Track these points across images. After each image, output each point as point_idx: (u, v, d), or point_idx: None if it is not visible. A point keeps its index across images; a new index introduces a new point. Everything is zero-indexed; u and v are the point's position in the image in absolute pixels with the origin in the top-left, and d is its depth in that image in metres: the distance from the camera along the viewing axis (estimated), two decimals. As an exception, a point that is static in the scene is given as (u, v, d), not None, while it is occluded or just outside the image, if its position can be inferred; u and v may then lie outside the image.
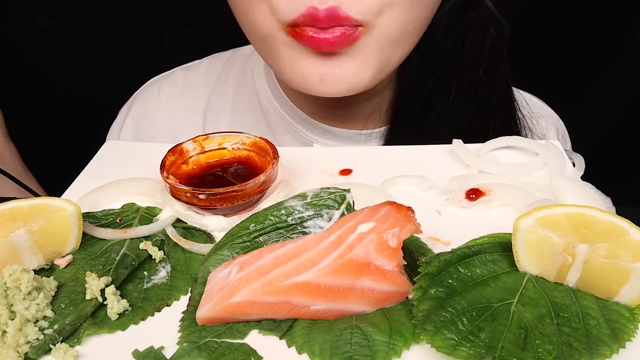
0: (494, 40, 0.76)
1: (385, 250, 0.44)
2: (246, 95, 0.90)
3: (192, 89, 0.93)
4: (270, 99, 0.87)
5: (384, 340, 0.41)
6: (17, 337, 0.42)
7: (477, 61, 0.76)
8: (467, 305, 0.43)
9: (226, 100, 0.91)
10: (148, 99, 0.94)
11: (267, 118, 0.87)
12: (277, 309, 0.44)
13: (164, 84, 0.95)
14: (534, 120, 0.86)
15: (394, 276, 0.45)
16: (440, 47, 0.76)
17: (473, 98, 0.78)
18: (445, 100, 0.77)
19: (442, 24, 0.74)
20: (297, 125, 0.85)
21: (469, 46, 0.76)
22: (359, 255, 0.44)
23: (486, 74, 0.77)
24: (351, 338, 0.42)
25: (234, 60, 0.94)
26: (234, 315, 0.44)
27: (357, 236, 0.45)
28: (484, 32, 0.75)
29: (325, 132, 0.84)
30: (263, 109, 0.87)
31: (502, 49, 0.78)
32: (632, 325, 0.42)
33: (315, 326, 0.43)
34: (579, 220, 0.46)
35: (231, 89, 0.91)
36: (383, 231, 0.44)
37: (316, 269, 0.44)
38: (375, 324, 0.43)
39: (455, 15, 0.74)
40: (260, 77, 0.88)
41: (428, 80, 0.77)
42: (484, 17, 0.75)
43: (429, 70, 0.77)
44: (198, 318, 0.44)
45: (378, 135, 0.83)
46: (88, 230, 0.54)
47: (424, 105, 0.78)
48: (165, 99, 0.93)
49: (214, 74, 0.93)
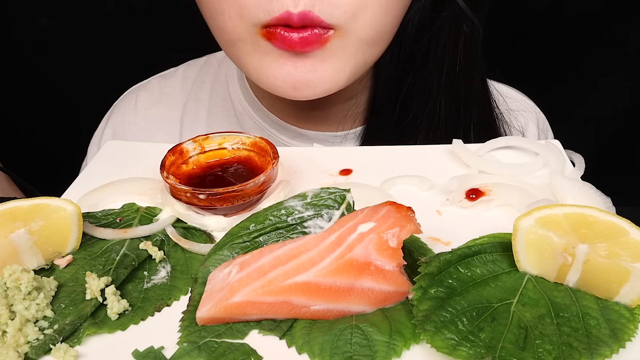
0: (467, 38, 0.76)
1: (385, 251, 0.44)
2: (220, 102, 0.90)
3: (168, 97, 0.93)
4: (244, 103, 0.87)
5: (384, 340, 0.41)
6: (17, 337, 0.42)
7: (452, 60, 0.76)
8: (467, 305, 0.43)
9: (202, 106, 0.91)
10: (125, 109, 0.95)
11: (242, 123, 0.87)
12: (277, 309, 0.44)
13: (140, 93, 0.95)
14: (512, 115, 0.86)
15: (394, 276, 0.45)
16: (414, 47, 0.76)
17: (450, 96, 0.78)
18: (422, 99, 0.78)
19: (414, 24, 0.74)
20: (272, 130, 0.85)
21: (443, 45, 0.76)
22: (359, 255, 0.44)
23: (462, 72, 0.77)
24: (351, 338, 0.42)
25: (207, 66, 0.94)
26: (234, 315, 0.44)
27: (357, 236, 0.45)
28: (456, 30, 0.75)
29: (299, 135, 0.84)
30: (237, 114, 0.88)
31: (476, 46, 0.78)
32: (632, 325, 0.42)
33: (315, 326, 0.43)
34: (579, 220, 0.46)
35: (206, 95, 0.91)
36: (383, 231, 0.45)
37: (316, 269, 0.44)
38: (375, 324, 0.43)
39: (427, 14, 0.74)
40: (234, 82, 0.89)
41: (404, 79, 0.77)
42: (456, 16, 0.75)
43: (404, 69, 0.77)
44: (198, 318, 0.44)
45: (354, 136, 0.83)
46: (88, 230, 0.54)
47: (401, 104, 0.78)
48: (142, 108, 0.93)
49: (189, 81, 0.94)
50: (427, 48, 0.76)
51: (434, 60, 0.76)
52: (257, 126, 0.86)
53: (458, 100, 0.78)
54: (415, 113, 0.78)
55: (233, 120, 0.88)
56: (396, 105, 0.78)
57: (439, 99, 0.77)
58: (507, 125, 0.85)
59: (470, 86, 0.79)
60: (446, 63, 0.76)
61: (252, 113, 0.86)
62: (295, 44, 0.63)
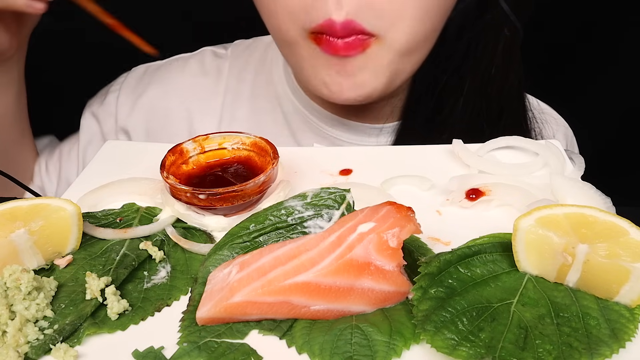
0: (507, 41, 0.77)
1: (386, 251, 0.44)
2: (263, 84, 0.92)
3: (216, 71, 0.94)
4: (285, 88, 0.89)
5: (384, 340, 0.41)
6: (17, 337, 0.42)
7: (489, 62, 0.78)
8: (467, 305, 0.43)
9: (245, 86, 0.93)
10: (171, 73, 0.95)
11: (283, 107, 0.89)
12: (277, 309, 0.44)
13: (191, 61, 0.96)
14: (543, 122, 0.88)
15: (394, 276, 0.45)
16: (453, 47, 0.77)
17: (484, 97, 0.79)
18: (457, 98, 0.79)
19: (456, 24, 0.76)
20: (310, 116, 0.87)
21: (482, 47, 0.78)
22: (359, 255, 0.44)
23: (498, 74, 0.79)
24: (351, 338, 0.42)
25: (254, 48, 0.96)
26: (234, 315, 0.44)
27: (357, 236, 0.45)
28: (497, 33, 0.77)
29: (338, 123, 0.86)
30: (278, 97, 0.90)
31: (515, 50, 0.79)
32: (632, 325, 0.42)
33: (315, 326, 0.43)
34: (579, 220, 0.46)
35: (250, 75, 0.93)
36: (383, 231, 0.45)
37: (316, 269, 0.44)
38: (375, 324, 0.43)
39: (469, 15, 0.76)
40: (278, 68, 0.91)
41: (440, 79, 0.79)
42: (498, 19, 0.76)
43: (441, 69, 0.79)
44: (198, 318, 0.44)
45: (390, 129, 0.85)
46: (88, 230, 0.54)
47: (436, 103, 0.80)
48: (189, 74, 0.94)
49: (237, 60, 0.95)
50: (466, 48, 0.78)
51: (472, 61, 0.78)
52: (296, 110, 0.88)
53: (492, 102, 0.80)
54: (449, 112, 0.80)
55: (274, 102, 0.90)
56: (431, 103, 0.80)
57: (473, 99, 0.79)
58: (538, 131, 0.86)
59: (505, 89, 0.80)
60: (484, 64, 0.78)
61: (292, 98, 0.88)
62: (340, 48, 0.68)
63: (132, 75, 0.97)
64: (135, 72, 0.98)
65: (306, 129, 0.88)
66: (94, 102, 0.97)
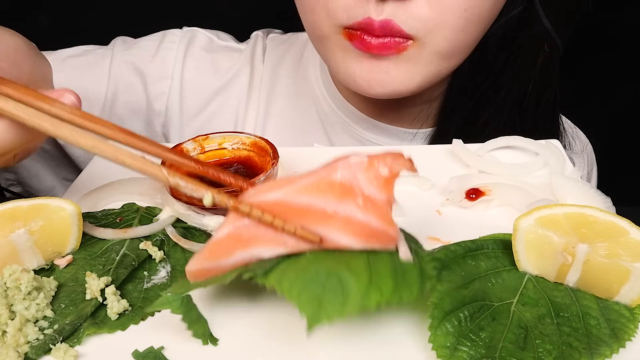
0: (547, 57, 0.77)
1: (376, 179, 0.40)
2: (299, 80, 0.91)
3: (245, 58, 0.93)
4: (322, 89, 0.89)
5: (359, 290, 0.38)
6: (17, 337, 0.42)
7: (527, 76, 0.78)
8: (471, 299, 0.43)
9: (279, 82, 0.92)
10: (198, 45, 0.92)
11: (318, 107, 0.89)
12: (258, 238, 0.41)
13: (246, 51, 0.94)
14: (574, 137, 0.88)
15: (383, 211, 0.40)
16: (492, 59, 0.77)
17: (519, 111, 0.79)
18: (492, 110, 0.79)
19: (496, 37, 0.75)
20: (344, 117, 0.87)
21: (521, 61, 0.77)
22: (344, 178, 0.40)
23: (535, 88, 0.79)
24: (326, 280, 0.38)
25: (290, 43, 0.95)
26: (220, 259, 0.41)
27: (344, 162, 0.41)
28: (537, 48, 0.77)
29: (373, 126, 0.86)
30: (314, 97, 0.90)
31: (554, 66, 0.79)
32: (632, 325, 0.42)
33: (293, 266, 0.40)
34: (579, 220, 0.46)
35: (285, 71, 0.93)
36: (375, 158, 0.41)
37: (291, 186, 0.40)
38: (355, 273, 0.39)
39: (510, 29, 0.75)
40: (315, 66, 0.91)
41: (477, 89, 0.79)
42: (540, 35, 0.76)
43: (479, 80, 0.79)
44: (187, 272, 0.42)
45: (423, 135, 0.85)
46: (88, 230, 0.54)
47: (471, 113, 0.80)
48: (227, 62, 0.92)
49: (272, 55, 0.94)
50: (505, 61, 0.78)
51: (510, 74, 0.78)
52: (332, 111, 0.88)
53: (526, 116, 0.80)
54: (484, 123, 0.80)
55: (309, 101, 0.90)
56: (466, 112, 0.80)
57: (508, 111, 0.79)
58: (568, 146, 0.86)
59: (542, 104, 0.80)
60: (521, 78, 0.78)
61: (328, 98, 0.88)
62: (373, 47, 0.67)
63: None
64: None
65: (340, 130, 0.87)
66: (134, 52, 0.90)
